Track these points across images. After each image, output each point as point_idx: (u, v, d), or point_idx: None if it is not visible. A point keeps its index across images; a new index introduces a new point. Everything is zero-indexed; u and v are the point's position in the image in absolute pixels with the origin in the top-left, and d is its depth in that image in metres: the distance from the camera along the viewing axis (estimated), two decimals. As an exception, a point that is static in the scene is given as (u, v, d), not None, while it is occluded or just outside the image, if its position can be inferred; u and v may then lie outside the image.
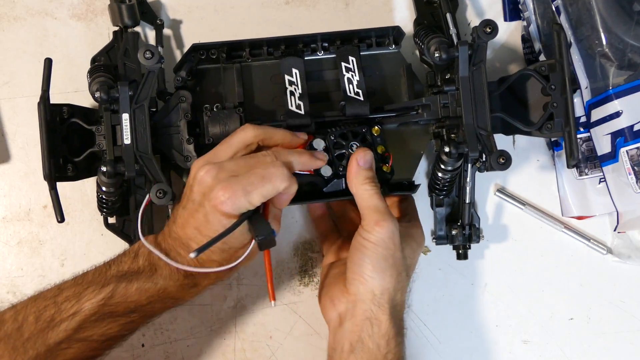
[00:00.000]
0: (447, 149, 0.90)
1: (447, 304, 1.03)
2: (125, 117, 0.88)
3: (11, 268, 1.02)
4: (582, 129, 0.98)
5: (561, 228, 1.03)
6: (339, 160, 0.90)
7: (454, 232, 1.00)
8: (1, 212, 1.02)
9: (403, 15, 1.05)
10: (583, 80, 0.95)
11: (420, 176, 1.03)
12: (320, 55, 0.98)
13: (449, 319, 1.03)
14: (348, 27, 0.99)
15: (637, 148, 0.93)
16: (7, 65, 1.02)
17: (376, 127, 0.92)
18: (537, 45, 1.00)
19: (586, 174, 0.99)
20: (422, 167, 1.04)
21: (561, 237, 1.03)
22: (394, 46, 0.98)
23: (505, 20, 1.04)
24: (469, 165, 0.97)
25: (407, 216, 0.96)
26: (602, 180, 0.98)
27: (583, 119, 0.97)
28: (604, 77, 0.94)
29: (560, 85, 0.90)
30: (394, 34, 0.97)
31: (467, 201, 0.99)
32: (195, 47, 0.95)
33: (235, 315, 1.02)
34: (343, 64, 0.96)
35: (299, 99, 0.94)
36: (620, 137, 0.94)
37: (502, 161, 0.86)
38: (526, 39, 1.02)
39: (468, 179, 0.98)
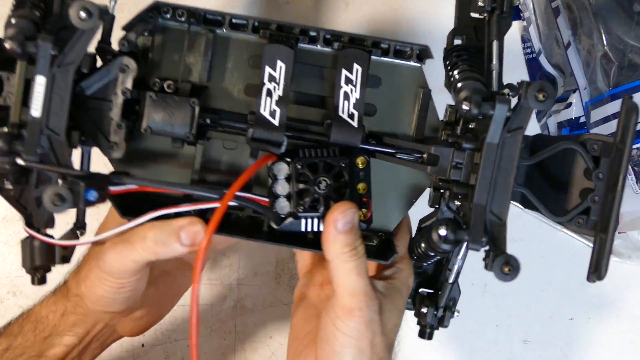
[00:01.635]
0: (441, 232, 0.68)
1: (447, 304, 1.03)
2: (40, 81, 0.66)
3: (11, 268, 1.02)
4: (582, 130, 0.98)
5: (561, 228, 1.03)
6: (299, 197, 0.72)
7: (423, 310, 0.82)
8: (1, 212, 1.02)
9: (410, 18, 1.04)
10: (582, 81, 0.95)
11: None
12: (319, 47, 0.76)
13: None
14: (348, 28, 0.94)
15: (637, 148, 0.93)
16: (7, 66, 1.02)
17: (362, 157, 0.72)
18: (537, 45, 1.00)
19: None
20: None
21: (561, 237, 1.04)
22: (416, 61, 0.76)
23: (506, 20, 1.04)
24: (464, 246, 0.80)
25: (391, 266, 0.77)
26: (602, 180, 0.98)
27: (582, 120, 0.97)
28: (603, 78, 0.94)
29: (611, 177, 0.70)
30: (419, 50, 0.75)
31: (451, 281, 0.82)
32: (159, 5, 0.73)
33: (235, 315, 1.02)
34: (344, 72, 0.73)
35: (277, 103, 0.72)
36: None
37: (507, 271, 0.65)
38: (526, 39, 1.02)
39: (459, 258, 0.81)
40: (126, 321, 0.82)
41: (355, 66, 0.73)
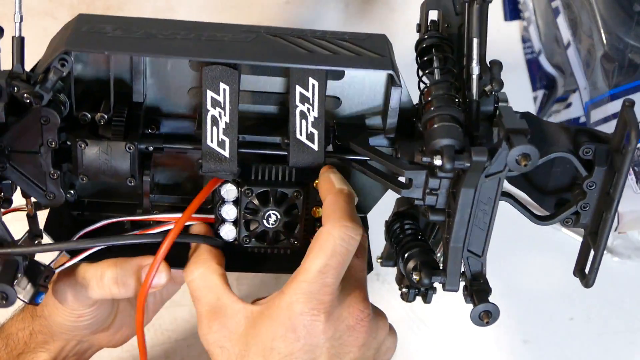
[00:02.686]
0: (415, 276, 0.65)
1: (447, 304, 1.03)
2: None
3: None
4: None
5: (561, 228, 1.03)
6: (246, 228, 0.67)
7: (404, 290, 0.73)
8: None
9: (410, 18, 1.04)
10: (582, 81, 0.95)
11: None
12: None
13: (449, 318, 1.03)
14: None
15: (637, 148, 0.93)
16: (7, 66, 1.02)
17: (316, 181, 0.65)
18: (537, 45, 1.00)
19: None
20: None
21: (561, 237, 1.03)
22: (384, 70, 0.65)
23: (506, 20, 1.04)
24: None
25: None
26: (602, 180, 0.98)
27: (583, 120, 0.97)
28: (603, 78, 0.94)
29: (604, 187, 0.65)
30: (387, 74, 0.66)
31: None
32: (68, 52, 0.62)
33: (235, 315, 1.02)
34: (298, 89, 0.64)
35: (225, 132, 0.64)
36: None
37: (485, 321, 0.64)
38: (526, 39, 1.02)
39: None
40: (101, 337, 0.78)
41: (311, 81, 0.64)
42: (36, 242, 0.68)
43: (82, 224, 0.71)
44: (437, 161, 0.59)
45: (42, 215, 0.70)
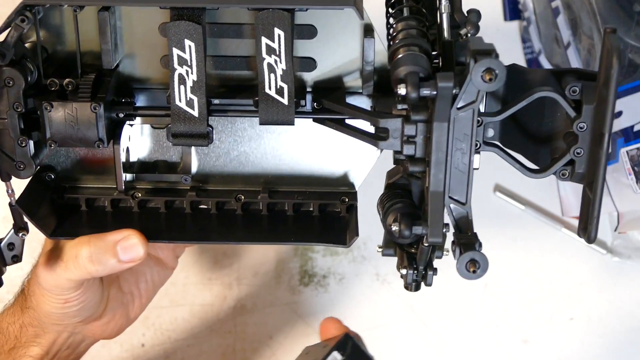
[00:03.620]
0: (394, 228, 0.62)
1: (447, 304, 1.03)
2: None
3: (11, 267, 1.02)
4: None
5: (561, 228, 1.03)
6: None
7: (402, 272, 0.70)
8: (1, 212, 1.02)
9: None
10: (583, 81, 0.95)
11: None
12: (232, 6, 0.64)
13: (449, 319, 1.03)
14: None
15: (638, 148, 0.93)
16: None
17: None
18: (537, 46, 1.00)
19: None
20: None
21: (561, 237, 1.03)
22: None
23: (505, 20, 1.04)
24: None
25: None
26: (602, 180, 0.98)
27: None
28: (603, 77, 0.94)
29: (595, 126, 0.61)
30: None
31: (426, 244, 0.65)
32: (28, 5, 0.61)
33: (235, 315, 1.02)
34: (264, 41, 0.62)
35: (192, 90, 0.63)
36: (621, 138, 0.94)
37: (471, 270, 0.59)
38: (526, 39, 1.02)
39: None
40: (93, 327, 0.77)
41: (277, 31, 0.62)
42: (20, 234, 0.68)
43: (60, 208, 0.71)
44: (402, 90, 0.57)
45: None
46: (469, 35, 0.62)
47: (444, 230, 0.60)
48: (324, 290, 1.02)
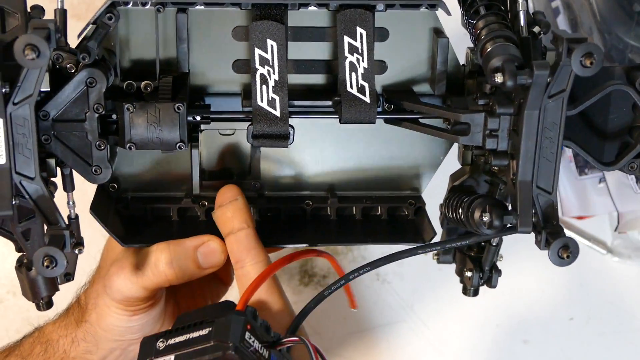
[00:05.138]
0: (485, 218, 0.62)
1: (447, 304, 1.03)
2: None
3: (11, 268, 1.01)
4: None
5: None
6: None
7: (468, 274, 0.73)
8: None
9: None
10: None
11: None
12: (313, 9, 0.65)
13: (449, 319, 1.03)
14: None
15: (637, 148, 0.93)
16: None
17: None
18: (537, 45, 1.00)
19: (586, 174, 0.99)
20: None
21: (561, 237, 1.03)
22: (427, 7, 0.65)
23: (506, 20, 1.04)
24: None
25: None
26: (602, 180, 0.98)
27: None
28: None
29: None
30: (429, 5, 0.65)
31: (495, 244, 0.71)
32: (115, 3, 0.62)
33: (235, 315, 1.02)
34: (346, 39, 0.63)
35: (274, 90, 0.63)
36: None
37: (565, 256, 0.60)
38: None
39: None
40: None
41: (359, 30, 0.63)
42: (77, 250, 0.64)
43: (126, 218, 0.70)
44: (499, 79, 0.57)
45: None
46: (542, 33, 0.63)
47: (533, 220, 0.61)
48: (324, 290, 1.02)
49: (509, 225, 0.62)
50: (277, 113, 0.63)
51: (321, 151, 0.72)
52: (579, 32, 0.94)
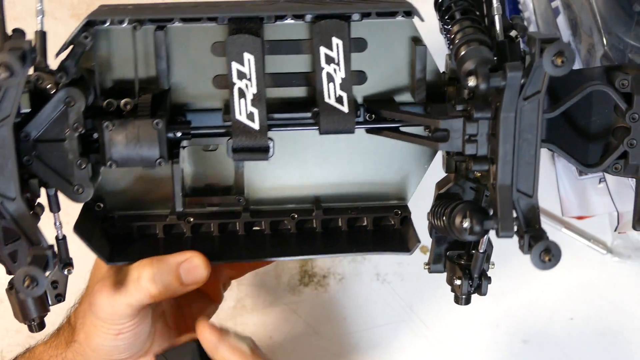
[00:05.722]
0: (465, 224, 0.61)
1: (447, 304, 1.03)
2: None
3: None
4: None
5: (561, 228, 1.03)
6: None
7: (457, 282, 0.73)
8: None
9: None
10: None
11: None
12: (289, 21, 0.65)
13: (449, 319, 1.03)
14: None
15: (637, 148, 0.93)
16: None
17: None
18: (537, 45, 1.00)
19: (586, 174, 0.99)
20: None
21: (561, 237, 1.03)
22: (403, 15, 0.65)
23: (506, 20, 1.04)
24: None
25: None
26: (602, 180, 0.98)
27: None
28: (604, 77, 0.94)
29: None
30: (404, 12, 0.65)
31: (482, 250, 0.70)
32: (92, 23, 0.62)
33: (235, 315, 1.02)
34: (322, 50, 0.64)
35: (253, 102, 0.63)
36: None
37: (546, 259, 0.59)
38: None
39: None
40: None
41: (335, 40, 0.64)
42: (66, 270, 0.65)
43: (112, 237, 0.71)
44: (472, 82, 0.57)
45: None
46: (519, 37, 0.64)
47: (514, 224, 0.60)
48: (324, 290, 1.02)
49: (490, 228, 0.61)
50: (256, 126, 0.63)
51: (305, 164, 0.72)
52: (579, 32, 0.94)
